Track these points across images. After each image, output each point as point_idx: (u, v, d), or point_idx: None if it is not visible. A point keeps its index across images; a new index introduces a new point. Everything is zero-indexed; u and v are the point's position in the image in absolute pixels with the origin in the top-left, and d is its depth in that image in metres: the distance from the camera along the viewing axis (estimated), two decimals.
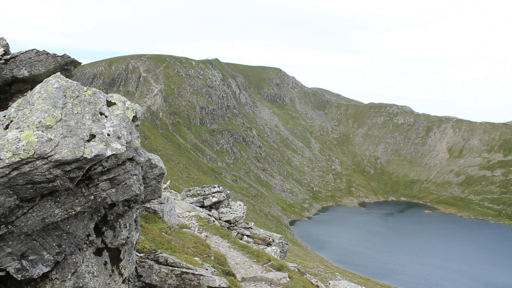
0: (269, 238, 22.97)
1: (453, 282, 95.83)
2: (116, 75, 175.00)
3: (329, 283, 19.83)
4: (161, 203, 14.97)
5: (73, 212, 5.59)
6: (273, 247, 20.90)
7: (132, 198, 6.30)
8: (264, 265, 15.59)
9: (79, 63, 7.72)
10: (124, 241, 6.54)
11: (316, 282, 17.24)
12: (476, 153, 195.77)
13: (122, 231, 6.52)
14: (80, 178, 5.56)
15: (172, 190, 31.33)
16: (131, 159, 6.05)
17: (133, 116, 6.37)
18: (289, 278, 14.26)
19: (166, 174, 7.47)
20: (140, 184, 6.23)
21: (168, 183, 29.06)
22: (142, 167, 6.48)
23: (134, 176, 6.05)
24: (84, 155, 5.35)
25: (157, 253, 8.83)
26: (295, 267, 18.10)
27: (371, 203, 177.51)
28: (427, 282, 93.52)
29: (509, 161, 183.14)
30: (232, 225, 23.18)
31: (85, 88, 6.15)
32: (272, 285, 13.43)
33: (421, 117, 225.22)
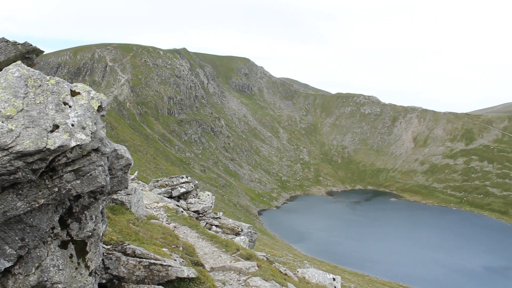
0: (238, 228, 23.01)
1: (418, 267, 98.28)
2: (82, 64, 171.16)
3: (298, 271, 20.04)
4: (129, 194, 14.79)
5: (37, 205, 5.45)
6: (242, 237, 20.95)
7: (98, 190, 6.19)
8: (233, 255, 15.62)
9: (42, 52, 7.49)
10: (90, 233, 6.43)
11: (285, 270, 17.38)
12: (439, 142, 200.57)
13: (88, 223, 6.41)
14: (43, 169, 5.42)
15: (140, 181, 31.01)
16: (96, 150, 5.94)
17: (98, 106, 6.24)
18: (258, 267, 14.34)
19: (133, 164, 7.37)
20: (106, 175, 6.12)
21: (135, 174, 28.73)
22: (108, 157, 6.37)
23: (100, 167, 5.94)
24: (47, 146, 5.21)
25: (125, 244, 8.72)
26: (264, 256, 18.21)
27: (339, 192, 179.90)
28: (394, 268, 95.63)
29: (471, 150, 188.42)
30: (200, 215, 23.10)
31: (47, 77, 5.98)
32: (241, 274, 13.47)
33: (387, 107, 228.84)
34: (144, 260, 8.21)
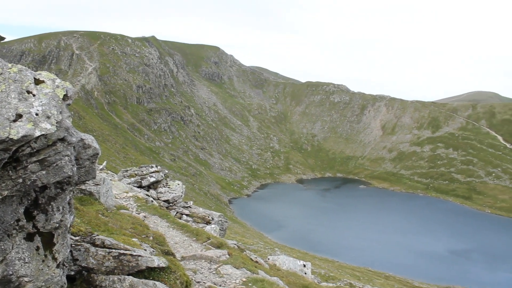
0: (209, 217, 22.99)
1: (387, 252, 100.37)
2: (47, 52, 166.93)
3: (268, 259, 20.19)
4: (97, 184, 14.58)
5: (0, 197, 5.31)
6: (213, 225, 20.95)
7: (65, 180, 6.06)
8: (204, 243, 15.61)
9: (3, 38, 7.26)
10: (57, 225, 6.31)
11: (256, 258, 17.48)
12: (407, 130, 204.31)
13: (55, 214, 6.28)
14: (6, 160, 5.28)
15: (109, 171, 30.56)
16: (62, 140, 5.80)
17: (64, 95, 6.10)
18: (229, 255, 14.38)
19: (100, 154, 7.24)
20: (73, 165, 6.00)
21: (104, 164, 28.32)
22: (74, 147, 6.24)
23: (66, 157, 5.81)
24: (10, 136, 5.06)
25: (94, 235, 8.61)
26: (234, 244, 18.26)
27: (309, 179, 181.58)
28: (363, 254, 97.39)
29: (437, 137, 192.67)
30: (171, 204, 22.97)
31: (9, 65, 5.79)
32: (211, 263, 13.49)
33: (356, 96, 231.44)
34: (114, 250, 8.12)
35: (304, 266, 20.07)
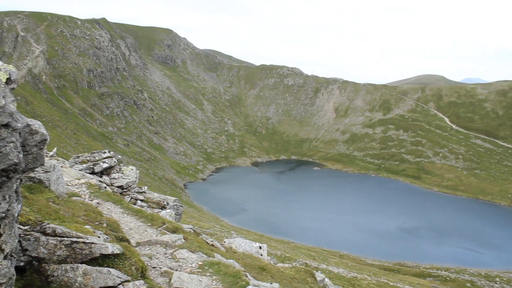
0: (164, 202, 22.78)
1: (341, 231, 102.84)
2: None
3: (225, 242, 20.28)
4: (47, 171, 14.13)
5: None
6: (168, 210, 20.78)
7: (11, 168, 5.83)
8: (159, 229, 15.48)
9: None
10: (3, 215, 6.08)
11: (212, 241, 17.52)
12: (359, 112, 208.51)
13: (1, 203, 6.05)
14: None
15: (60, 158, 29.70)
16: (6, 125, 5.56)
17: (7, 79, 5.83)
18: (184, 239, 14.32)
19: (49, 140, 7.00)
20: (19, 152, 5.78)
21: (54, 150, 27.47)
22: (20, 133, 5.99)
23: (11, 144, 5.58)
24: None
25: (44, 224, 8.36)
26: (190, 228, 18.20)
27: (264, 162, 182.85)
28: (318, 234, 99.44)
29: (388, 119, 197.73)
30: (125, 190, 22.60)
31: None
32: (167, 248, 13.41)
33: (310, 79, 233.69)
34: (66, 239, 7.92)
35: (260, 248, 20.28)
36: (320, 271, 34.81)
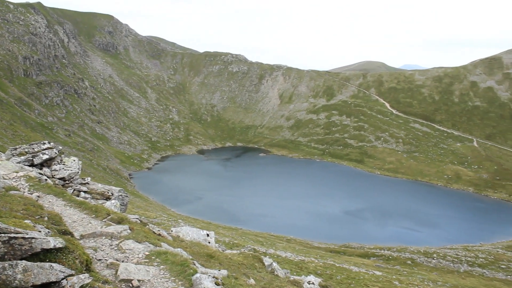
0: (108, 192, 22.30)
1: (288, 216, 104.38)
2: None
3: (172, 231, 20.12)
4: None
5: None
6: (113, 201, 20.36)
7: None
8: (104, 220, 15.17)
9: None
10: None
11: (159, 231, 17.34)
12: (304, 98, 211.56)
13: None
14: None
15: None
16: None
17: None
18: (130, 230, 14.11)
19: None
20: None
21: None
22: None
23: None
24: None
25: None
26: (137, 218, 17.93)
27: (210, 150, 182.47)
28: (266, 220, 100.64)
29: (331, 105, 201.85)
30: (67, 182, 21.93)
31: None
32: (113, 239, 13.17)
33: (254, 66, 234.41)
34: (3, 235, 7.61)
35: (208, 235, 20.27)
36: (268, 256, 35.31)
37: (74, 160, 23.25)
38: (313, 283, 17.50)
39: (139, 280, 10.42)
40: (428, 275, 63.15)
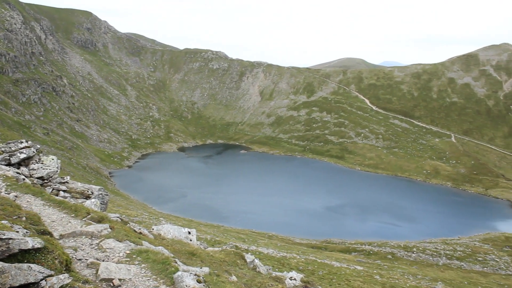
0: (88, 191, 22.08)
1: (269, 213, 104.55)
2: None
3: (153, 229, 20.02)
4: None
5: None
6: (93, 200, 20.17)
7: None
8: (84, 219, 15.02)
9: None
10: None
11: (140, 229, 17.24)
12: (284, 95, 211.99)
13: None
14: None
15: None
16: None
17: None
18: (111, 228, 14.00)
19: None
20: None
21: None
22: None
23: None
24: None
25: None
26: (117, 217, 17.79)
27: (190, 147, 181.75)
28: (247, 217, 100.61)
29: (312, 101, 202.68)
30: (45, 181, 21.65)
31: None
32: (93, 238, 13.06)
33: (234, 62, 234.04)
34: None
35: (189, 233, 20.22)
36: (250, 253, 35.36)
37: (52, 159, 22.95)
38: (295, 279, 17.59)
39: (120, 279, 10.35)
40: (408, 269, 64.01)
